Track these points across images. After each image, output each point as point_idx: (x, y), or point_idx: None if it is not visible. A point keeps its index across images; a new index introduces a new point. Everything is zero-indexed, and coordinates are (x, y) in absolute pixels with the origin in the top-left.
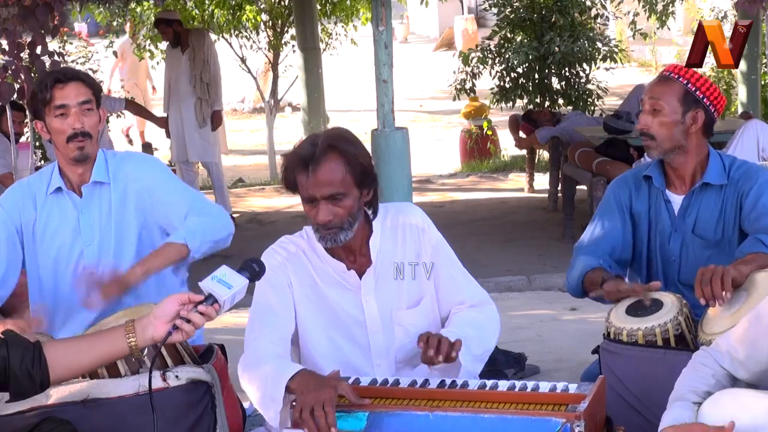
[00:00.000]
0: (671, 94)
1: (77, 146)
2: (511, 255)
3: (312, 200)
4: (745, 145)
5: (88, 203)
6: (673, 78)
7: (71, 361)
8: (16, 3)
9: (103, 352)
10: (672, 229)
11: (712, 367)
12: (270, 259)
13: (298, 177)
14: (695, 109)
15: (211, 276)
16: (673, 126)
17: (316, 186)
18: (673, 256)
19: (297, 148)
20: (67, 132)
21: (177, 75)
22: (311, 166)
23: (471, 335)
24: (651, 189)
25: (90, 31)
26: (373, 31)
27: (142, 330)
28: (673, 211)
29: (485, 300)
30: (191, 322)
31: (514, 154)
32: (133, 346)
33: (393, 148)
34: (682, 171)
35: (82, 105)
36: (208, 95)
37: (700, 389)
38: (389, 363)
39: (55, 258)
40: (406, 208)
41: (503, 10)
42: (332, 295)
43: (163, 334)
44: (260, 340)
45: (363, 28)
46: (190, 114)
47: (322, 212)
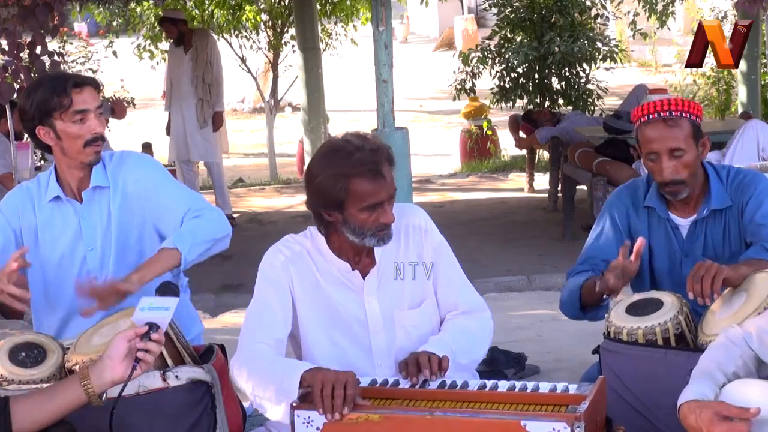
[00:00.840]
0: (686, 134)
1: (95, 150)
2: (511, 255)
3: (377, 205)
4: (745, 145)
5: (88, 208)
6: (677, 117)
7: (32, 414)
8: (16, 3)
9: (61, 403)
10: (682, 255)
11: (741, 347)
12: (273, 258)
13: (361, 186)
14: (702, 137)
15: (139, 308)
16: (695, 163)
17: (386, 188)
18: (683, 280)
19: (354, 162)
20: (85, 136)
21: (179, 75)
22: (381, 170)
23: (461, 344)
24: (651, 214)
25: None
26: (373, 31)
27: (98, 375)
28: (682, 237)
29: (480, 307)
30: (150, 352)
31: (514, 154)
32: (90, 392)
33: (393, 148)
34: (688, 198)
35: (98, 109)
36: (210, 96)
37: (728, 369)
38: (390, 364)
39: (57, 264)
40: (409, 209)
41: (503, 10)
42: (335, 295)
43: (124, 374)
44: (259, 338)
45: (363, 28)
46: (191, 114)
47: (390, 212)
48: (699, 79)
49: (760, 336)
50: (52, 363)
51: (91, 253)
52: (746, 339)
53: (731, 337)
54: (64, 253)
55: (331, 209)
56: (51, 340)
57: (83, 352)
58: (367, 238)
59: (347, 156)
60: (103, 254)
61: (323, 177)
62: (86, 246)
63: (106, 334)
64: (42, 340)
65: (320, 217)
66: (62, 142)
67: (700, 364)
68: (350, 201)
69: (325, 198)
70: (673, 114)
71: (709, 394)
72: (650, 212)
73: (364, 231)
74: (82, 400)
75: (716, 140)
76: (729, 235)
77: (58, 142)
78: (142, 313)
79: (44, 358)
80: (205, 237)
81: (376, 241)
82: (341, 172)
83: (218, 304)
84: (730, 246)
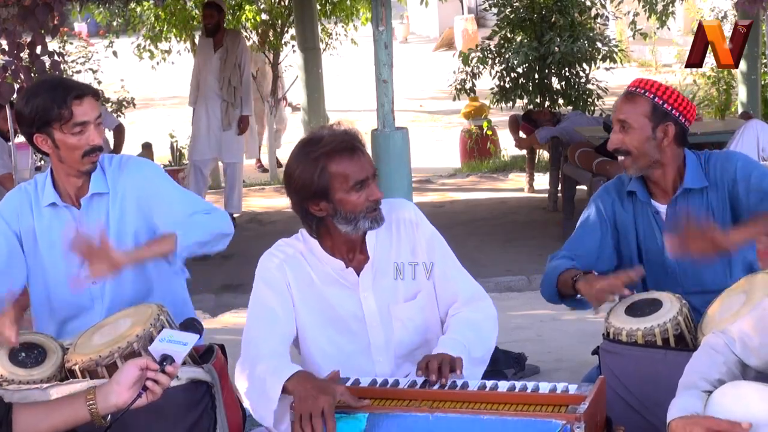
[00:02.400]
0: (639, 111)
1: (92, 161)
2: (511, 255)
3: (363, 182)
4: (745, 145)
5: (87, 215)
6: (639, 93)
7: (34, 425)
8: (16, 3)
9: (65, 418)
10: (664, 239)
11: (724, 354)
12: (268, 261)
13: (341, 165)
14: (665, 122)
15: (158, 339)
16: (644, 142)
17: (367, 164)
18: (670, 267)
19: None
20: (84, 148)
21: (206, 72)
22: (358, 146)
23: (471, 338)
24: (636, 201)
25: (90, 31)
26: (373, 31)
27: (104, 397)
28: (662, 221)
29: (479, 295)
30: (159, 383)
31: (514, 154)
32: (94, 413)
33: (393, 148)
34: (663, 183)
35: (97, 119)
36: (234, 99)
37: (712, 377)
38: (389, 359)
39: (57, 267)
40: (398, 204)
41: (503, 10)
42: (330, 294)
43: (128, 400)
44: (260, 341)
45: (363, 28)
46: (216, 113)
47: (377, 189)
48: (699, 79)
49: (743, 340)
50: (52, 363)
51: None
52: (729, 344)
53: (713, 345)
54: (63, 257)
55: (317, 199)
56: (51, 340)
57: (83, 352)
58: (361, 221)
59: (319, 141)
60: None
61: (301, 168)
62: None
63: (107, 334)
64: (42, 340)
65: (309, 216)
66: (60, 151)
67: (685, 376)
68: (335, 184)
69: (309, 189)
70: (637, 90)
71: (698, 405)
72: (635, 201)
73: (357, 214)
74: (86, 419)
75: (716, 140)
76: (712, 215)
77: (56, 150)
78: (161, 344)
79: (44, 359)
80: (207, 229)
81: (369, 223)
82: (318, 156)
83: (218, 304)
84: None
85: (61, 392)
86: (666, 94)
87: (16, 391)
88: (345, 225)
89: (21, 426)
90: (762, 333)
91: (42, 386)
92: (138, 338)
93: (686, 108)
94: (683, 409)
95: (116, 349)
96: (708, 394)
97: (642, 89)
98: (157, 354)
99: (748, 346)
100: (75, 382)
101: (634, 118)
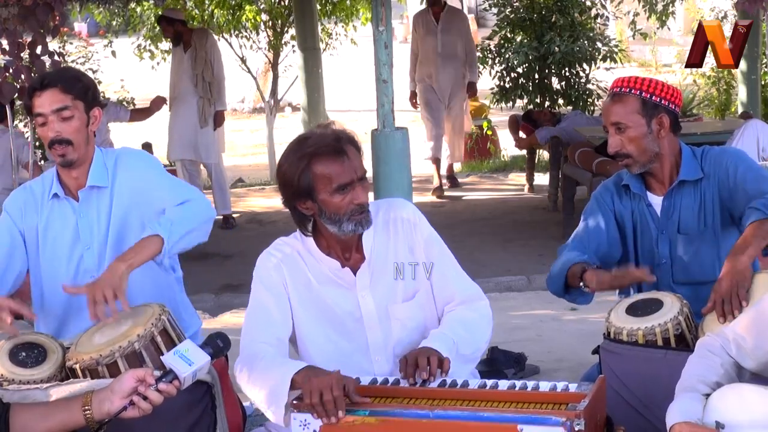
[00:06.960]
0: (630, 109)
1: (58, 153)
2: (511, 255)
3: (348, 185)
4: (745, 145)
5: (85, 207)
6: (625, 93)
7: (31, 426)
8: (16, 3)
9: (60, 422)
10: (658, 231)
11: (720, 356)
12: (266, 261)
13: (325, 167)
14: (657, 115)
15: (174, 350)
16: (643, 139)
17: (352, 168)
18: (663, 259)
19: (312, 144)
20: (47, 139)
21: (179, 74)
22: (345, 150)
23: (461, 335)
24: (632, 195)
25: (90, 31)
26: (373, 31)
27: (99, 404)
28: (656, 214)
29: (476, 295)
30: (148, 400)
31: (514, 154)
32: (89, 418)
33: (393, 148)
34: (661, 175)
35: (59, 112)
36: (210, 94)
37: (709, 379)
38: (387, 358)
39: (57, 263)
40: (396, 203)
41: (503, 10)
42: (328, 294)
43: (119, 409)
44: (258, 340)
45: (363, 28)
46: (192, 113)
47: (363, 193)
48: (699, 79)
49: (737, 342)
50: (52, 363)
51: (88, 252)
52: (724, 347)
53: (709, 347)
54: (63, 251)
55: (302, 198)
56: (51, 340)
57: (84, 351)
58: (344, 224)
59: (306, 140)
60: (100, 254)
61: (287, 165)
62: (83, 245)
63: (107, 333)
64: (42, 340)
65: (299, 214)
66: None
67: (683, 379)
68: (318, 185)
69: (293, 186)
70: (623, 90)
71: (697, 408)
72: (632, 196)
73: (340, 216)
74: (81, 424)
75: (716, 140)
76: (704, 207)
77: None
78: (173, 356)
79: (44, 358)
80: (192, 219)
81: (353, 226)
82: (302, 155)
83: (218, 304)
84: (705, 219)
85: (62, 392)
86: (651, 86)
87: (17, 391)
88: (331, 225)
89: (18, 427)
90: (756, 335)
91: (42, 386)
92: (139, 338)
93: (672, 94)
94: (684, 412)
95: (117, 349)
96: (706, 397)
97: (627, 88)
98: (166, 364)
99: (743, 348)
100: (76, 381)
101: (628, 117)
